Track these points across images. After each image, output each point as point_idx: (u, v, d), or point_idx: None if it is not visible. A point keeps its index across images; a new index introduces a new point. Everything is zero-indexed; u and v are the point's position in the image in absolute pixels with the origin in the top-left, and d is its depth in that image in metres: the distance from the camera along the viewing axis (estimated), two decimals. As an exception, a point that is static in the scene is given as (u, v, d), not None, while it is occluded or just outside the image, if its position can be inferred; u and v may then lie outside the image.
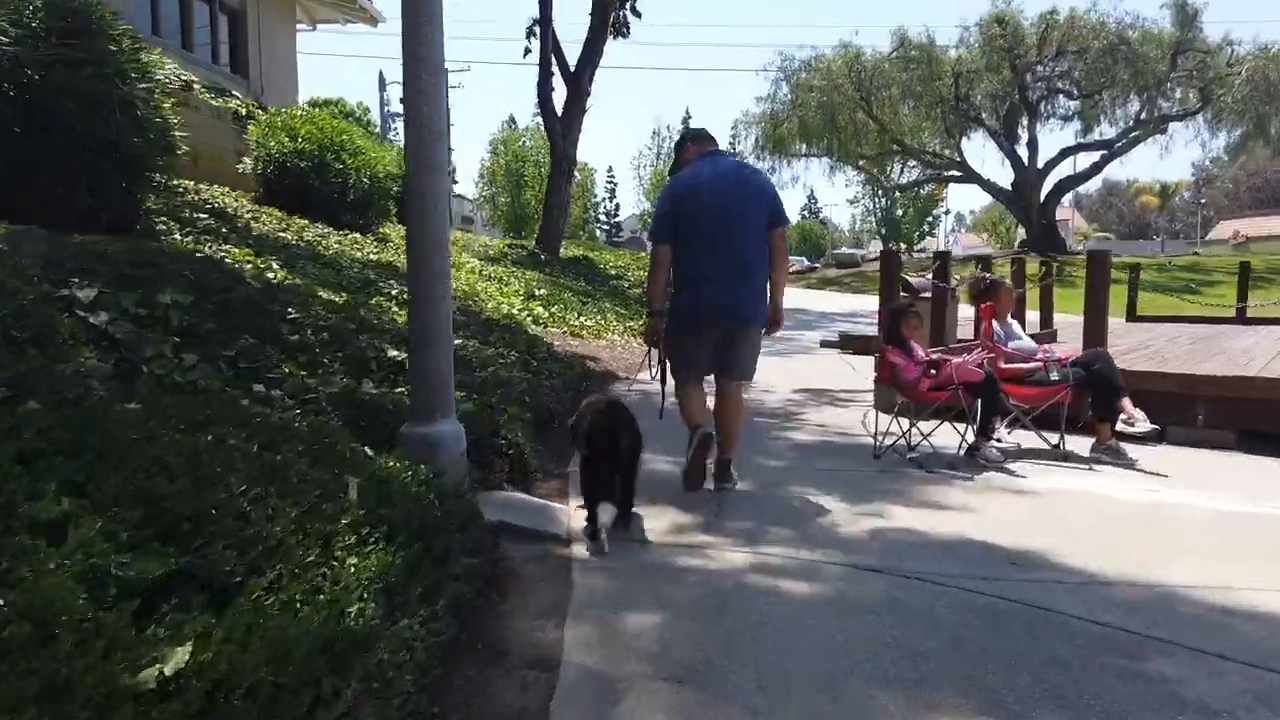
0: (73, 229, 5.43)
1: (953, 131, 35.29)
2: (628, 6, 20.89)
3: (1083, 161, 36.89)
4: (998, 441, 5.47)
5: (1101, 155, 34.55)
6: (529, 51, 21.01)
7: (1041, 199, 35.38)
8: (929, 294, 10.17)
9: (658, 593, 3.14)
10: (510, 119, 56.56)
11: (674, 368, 4.61)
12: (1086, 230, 73.24)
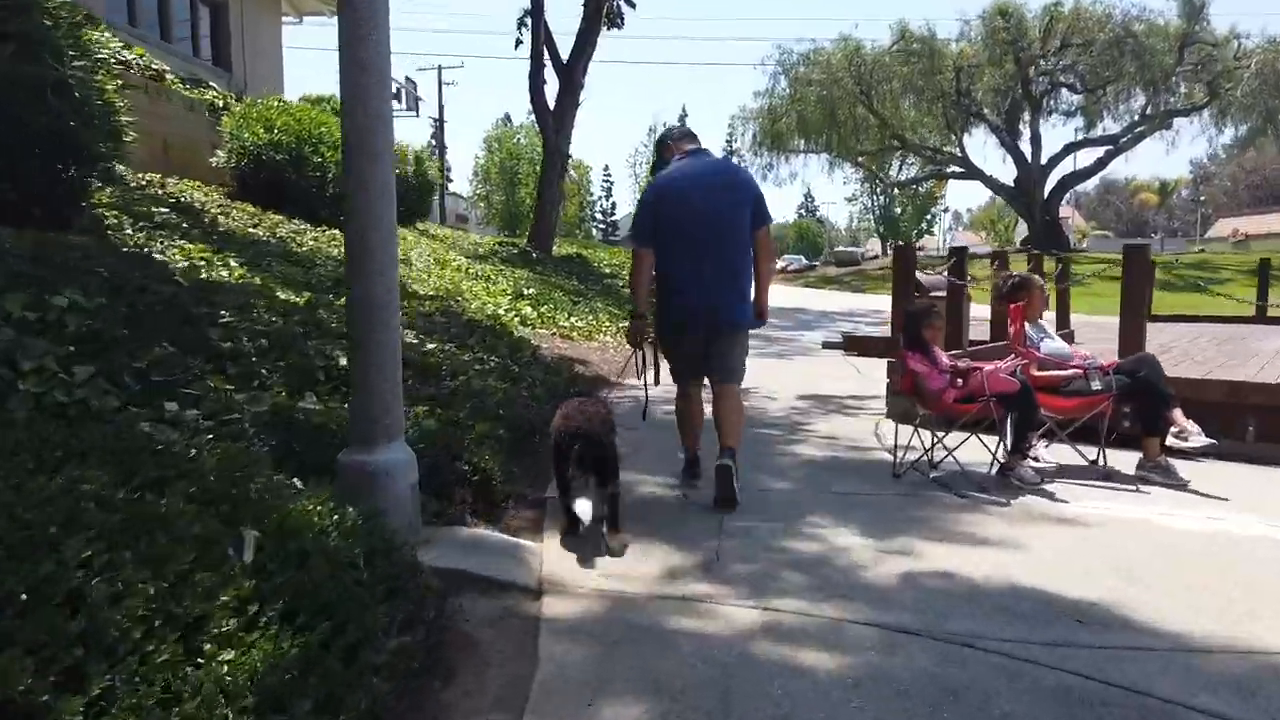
0: (-2, 223, 4.79)
1: (954, 127, 34.58)
2: (621, -5, 20.30)
3: (1085, 158, 36.39)
4: (1034, 461, 4.84)
5: (1106, 151, 33.86)
6: (520, 43, 20.43)
7: (1044, 195, 34.71)
8: (941, 292, 9.56)
9: (644, 669, 2.51)
10: (506, 116, 55.89)
11: (673, 373, 4.51)
12: (1084, 228, 72.77)
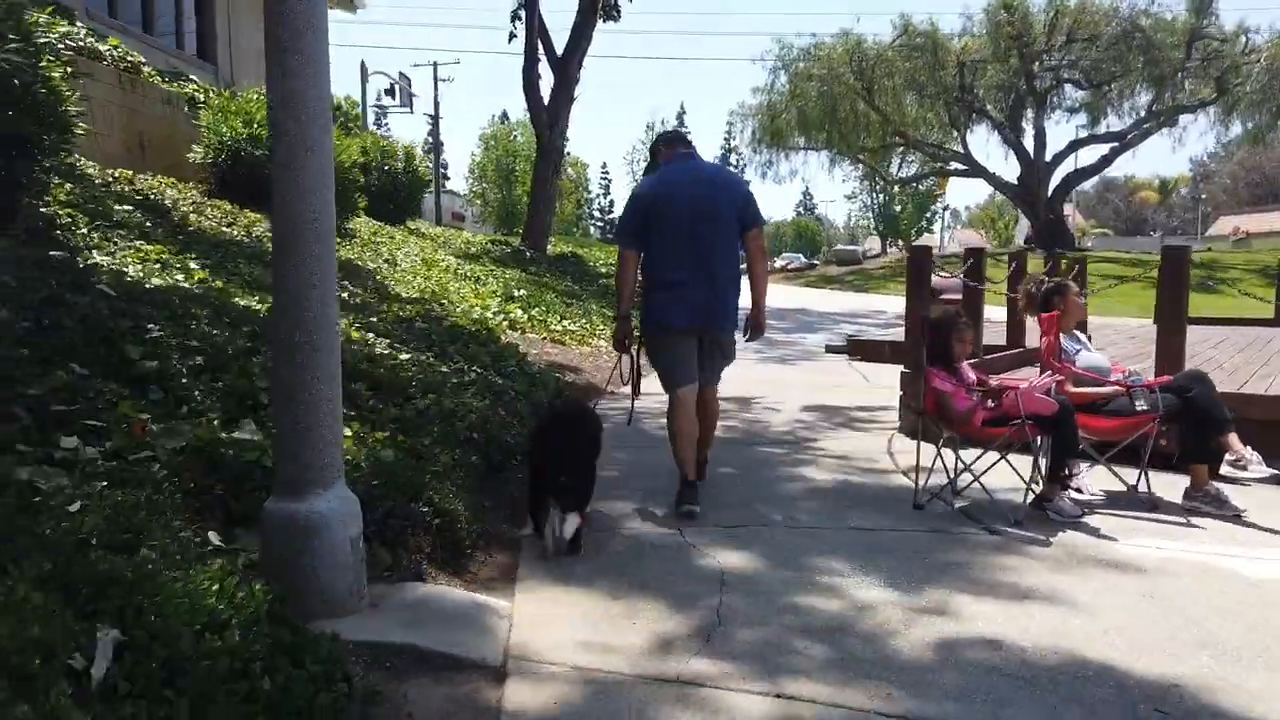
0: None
1: (957, 123, 33.98)
2: (617, -13, 19.81)
3: (1087, 156, 35.83)
4: (1076, 492, 4.31)
5: (1111, 148, 33.24)
6: (514, 37, 19.93)
7: (1049, 193, 34.13)
8: (953, 295, 9.03)
9: (628, 790, 1.99)
10: (503, 114, 55.32)
11: (663, 381, 4.39)
12: (1084, 226, 72.38)
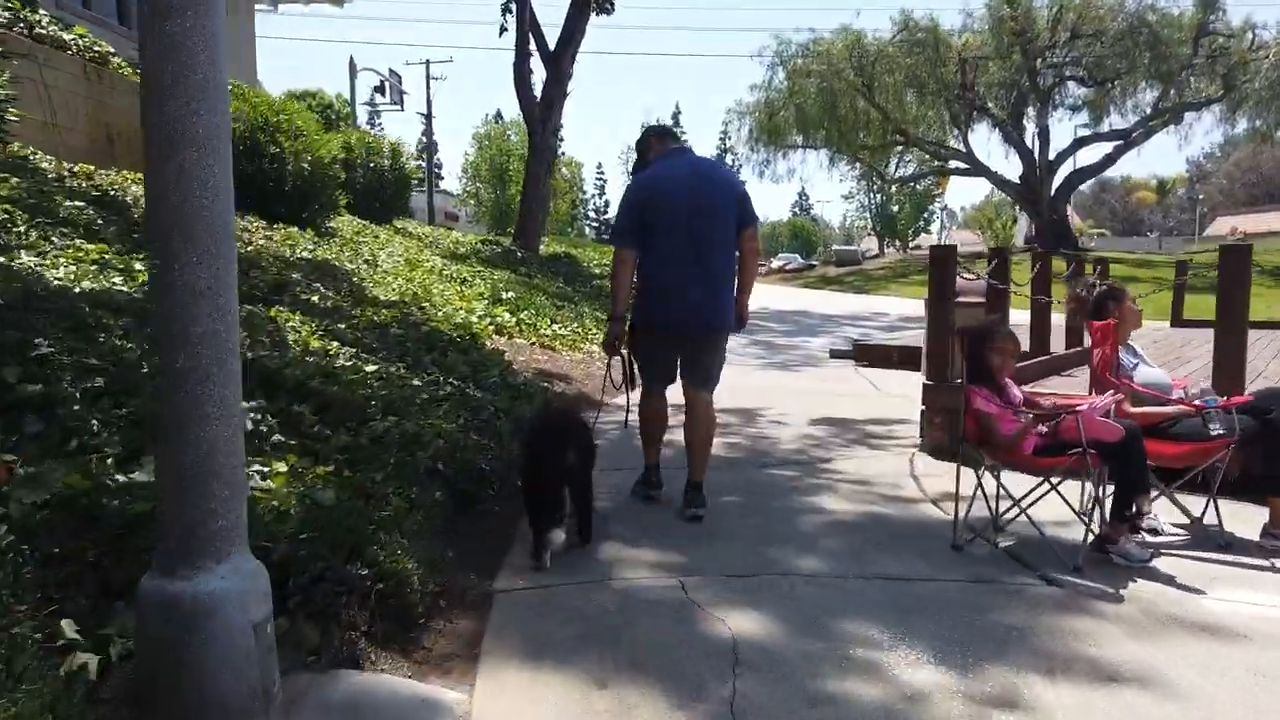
0: None
1: (957, 121, 33.33)
2: (611, -22, 19.19)
3: (1087, 155, 35.19)
4: (1150, 534, 3.69)
5: (1115, 146, 32.59)
6: (504, 30, 19.27)
7: (1052, 192, 33.49)
8: (974, 298, 8.42)
9: None
10: (497, 113, 54.57)
11: (641, 376, 4.37)
12: (1082, 226, 71.95)
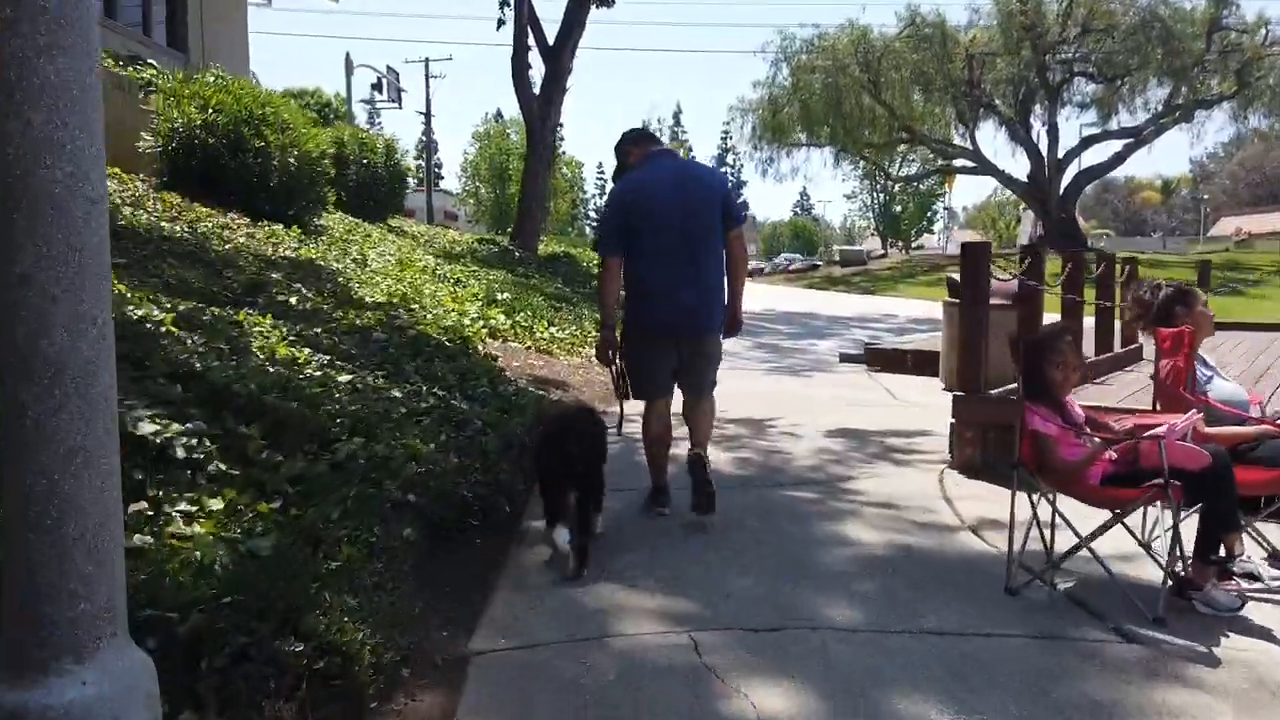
0: None
1: (964, 119, 32.82)
2: (611, -30, 18.70)
3: (1092, 155, 34.60)
4: (1248, 579, 3.15)
5: (1125, 144, 32.05)
6: (503, 24, 18.79)
7: (1061, 190, 32.95)
8: (999, 300, 7.92)
9: None
10: (498, 112, 54.01)
11: (637, 388, 4.24)
12: (1086, 227, 71.51)
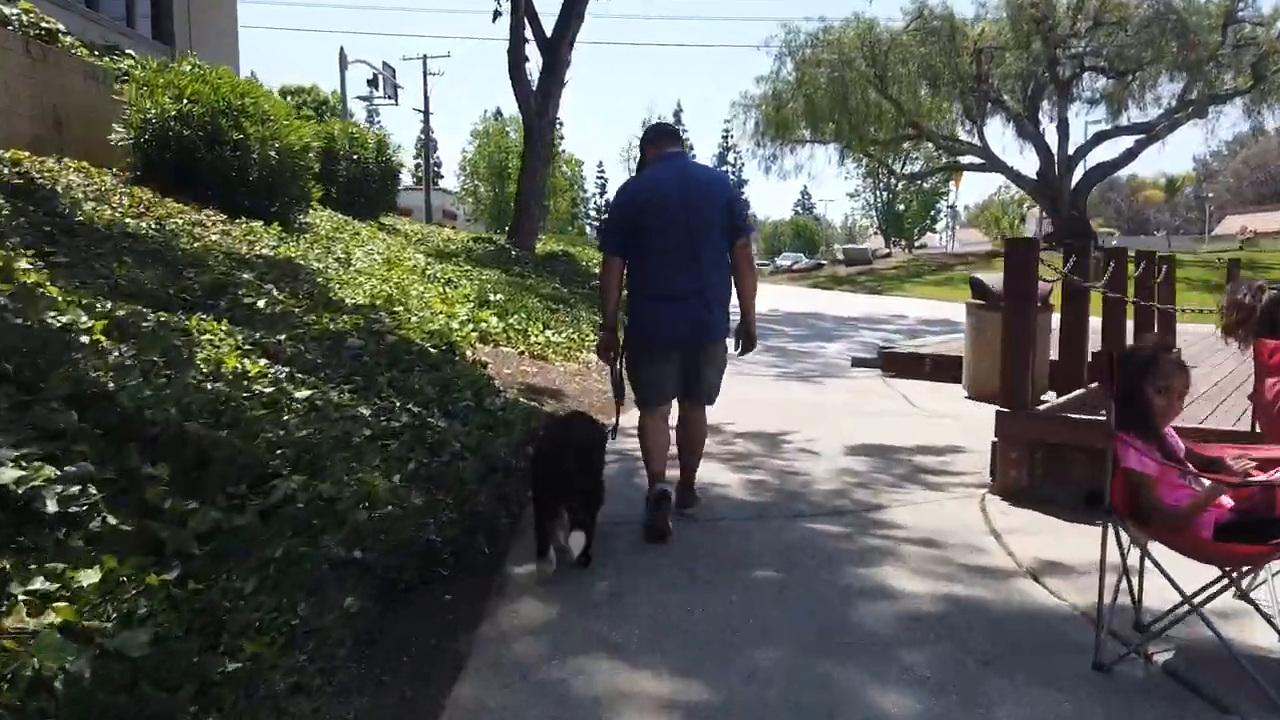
0: None
1: (971, 114, 32.13)
2: (611, -39, 18.15)
3: (1101, 152, 33.91)
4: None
5: (1137, 140, 31.35)
6: (499, 15, 18.19)
7: (1072, 187, 32.25)
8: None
9: None
10: (497, 110, 53.40)
11: (637, 394, 4.18)
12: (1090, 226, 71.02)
